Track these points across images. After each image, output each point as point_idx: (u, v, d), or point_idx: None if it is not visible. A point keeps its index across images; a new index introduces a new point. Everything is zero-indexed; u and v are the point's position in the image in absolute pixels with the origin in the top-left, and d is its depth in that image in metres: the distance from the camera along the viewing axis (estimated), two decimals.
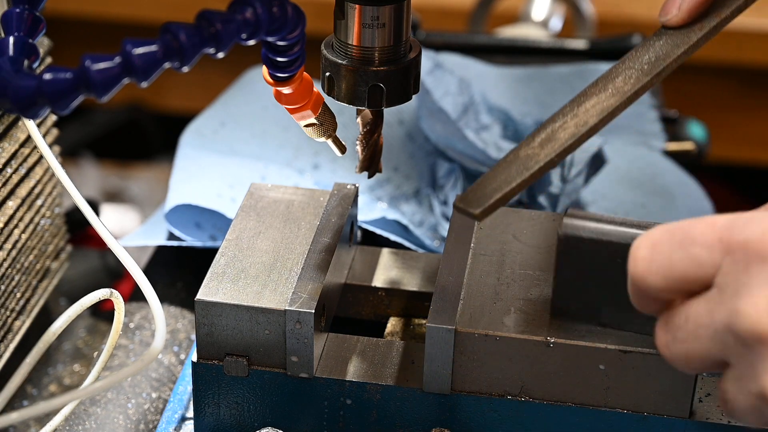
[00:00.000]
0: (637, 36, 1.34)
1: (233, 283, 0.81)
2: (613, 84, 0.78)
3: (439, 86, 1.11)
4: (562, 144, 0.75)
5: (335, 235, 0.86)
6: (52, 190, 0.98)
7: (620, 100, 0.77)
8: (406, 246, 1.00)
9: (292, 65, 0.77)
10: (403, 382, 0.81)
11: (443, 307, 0.79)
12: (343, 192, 0.91)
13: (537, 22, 1.54)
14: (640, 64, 0.79)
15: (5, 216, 0.90)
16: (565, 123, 0.76)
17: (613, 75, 0.79)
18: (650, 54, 0.79)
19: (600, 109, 0.76)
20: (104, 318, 1.07)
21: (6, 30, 0.76)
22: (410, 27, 0.80)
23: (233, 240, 0.85)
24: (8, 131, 0.91)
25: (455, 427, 0.81)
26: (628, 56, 0.79)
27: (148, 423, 0.89)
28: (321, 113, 0.84)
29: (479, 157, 1.06)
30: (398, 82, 0.80)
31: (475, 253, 0.85)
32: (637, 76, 0.78)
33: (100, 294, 0.79)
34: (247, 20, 0.68)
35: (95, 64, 0.63)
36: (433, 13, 1.85)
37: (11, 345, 0.93)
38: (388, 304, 0.91)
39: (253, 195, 0.90)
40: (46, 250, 0.99)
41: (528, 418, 0.80)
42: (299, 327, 0.79)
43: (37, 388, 0.99)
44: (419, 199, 1.08)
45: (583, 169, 1.06)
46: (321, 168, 1.10)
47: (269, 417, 0.83)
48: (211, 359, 0.81)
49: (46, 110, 0.65)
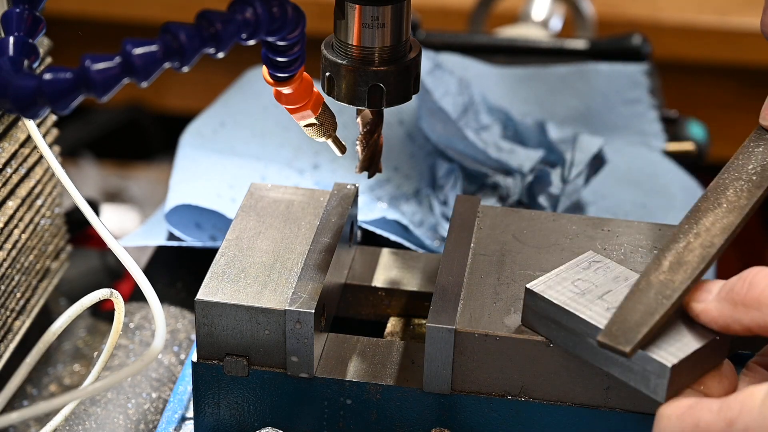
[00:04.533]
0: (637, 36, 1.34)
1: (233, 283, 0.81)
2: (726, 198, 0.79)
3: (439, 86, 1.11)
4: (695, 268, 0.75)
5: (335, 235, 0.86)
6: (52, 190, 0.98)
7: (740, 217, 0.78)
8: (406, 246, 1.00)
9: (292, 65, 0.77)
10: (403, 382, 0.81)
11: (443, 307, 0.79)
12: (343, 192, 0.91)
13: (537, 22, 1.54)
14: (747, 175, 0.80)
15: (5, 216, 0.90)
16: (689, 244, 0.77)
17: (721, 187, 0.80)
18: (754, 163, 0.81)
19: (721, 228, 0.77)
20: (104, 318, 1.07)
21: (6, 30, 0.76)
22: (410, 27, 0.80)
23: (233, 240, 0.85)
24: (8, 131, 0.91)
25: (455, 427, 0.81)
26: (731, 165, 0.81)
27: (148, 423, 0.89)
28: (321, 113, 0.84)
29: (479, 157, 1.06)
30: (398, 82, 0.80)
31: (475, 253, 0.85)
32: (749, 189, 0.79)
33: (100, 294, 0.79)
34: (247, 20, 0.68)
35: (95, 64, 0.63)
36: (433, 13, 1.85)
37: (11, 345, 0.93)
38: (388, 304, 0.91)
39: (253, 195, 0.90)
40: (46, 250, 0.99)
41: (528, 418, 0.80)
42: (299, 327, 0.79)
43: (37, 388, 0.99)
44: (419, 199, 1.08)
45: (583, 170, 1.06)
46: (321, 168, 1.10)
47: (269, 417, 0.83)
48: (211, 359, 0.81)
49: (46, 110, 0.65)
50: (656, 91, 1.29)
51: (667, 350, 0.72)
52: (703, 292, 0.73)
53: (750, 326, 0.70)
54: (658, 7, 1.90)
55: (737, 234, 0.77)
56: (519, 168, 1.06)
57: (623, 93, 1.26)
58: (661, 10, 1.89)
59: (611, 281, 0.77)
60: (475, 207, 0.89)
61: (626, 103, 1.25)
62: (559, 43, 1.37)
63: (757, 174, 0.80)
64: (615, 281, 0.77)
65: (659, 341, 0.72)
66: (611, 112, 1.24)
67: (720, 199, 0.79)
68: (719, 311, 0.72)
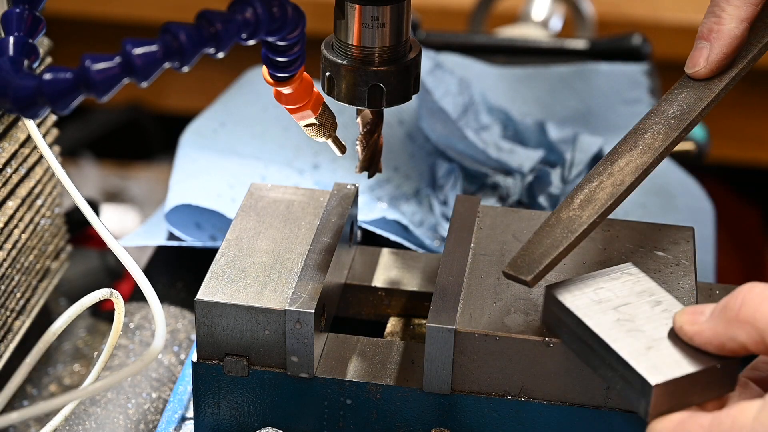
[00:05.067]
0: (637, 36, 1.34)
1: (233, 283, 0.81)
2: (643, 140, 0.80)
3: (439, 86, 1.11)
4: (602, 204, 0.76)
5: (335, 235, 0.86)
6: (52, 190, 0.98)
7: (653, 157, 0.79)
8: (406, 246, 1.00)
9: (292, 65, 0.77)
10: (403, 382, 0.81)
11: (443, 307, 0.79)
12: (343, 192, 0.90)
13: (537, 22, 1.54)
14: (666, 119, 0.81)
15: (5, 216, 0.90)
16: (601, 183, 0.78)
17: (641, 131, 0.81)
18: (675, 107, 0.81)
19: (634, 167, 0.78)
20: (104, 318, 1.07)
21: (6, 30, 0.76)
22: (410, 27, 0.80)
23: (233, 240, 0.85)
24: (8, 131, 0.91)
25: (455, 427, 0.81)
26: (653, 110, 0.82)
27: (148, 423, 0.89)
28: (321, 113, 0.84)
29: (479, 157, 1.06)
30: (398, 82, 0.80)
31: (475, 253, 0.85)
32: (665, 131, 0.80)
33: (100, 294, 0.79)
34: (247, 20, 0.68)
35: (95, 64, 0.63)
36: (433, 13, 1.85)
37: (11, 345, 0.93)
38: (388, 304, 0.91)
39: (253, 195, 0.90)
40: (46, 250, 0.99)
41: (528, 418, 0.80)
42: (299, 327, 0.79)
43: (37, 388, 0.99)
44: (419, 199, 1.08)
45: (583, 170, 1.06)
46: (321, 168, 1.10)
47: (269, 417, 0.83)
48: (211, 359, 0.81)
49: (46, 110, 0.65)
50: (656, 91, 1.29)
51: (660, 369, 0.71)
52: (696, 314, 0.72)
53: (746, 343, 0.69)
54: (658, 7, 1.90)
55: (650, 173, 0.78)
56: (519, 168, 1.06)
57: (623, 93, 1.26)
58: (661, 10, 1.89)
59: (635, 295, 0.76)
60: (475, 207, 0.89)
61: (626, 103, 1.25)
62: (559, 43, 1.37)
63: (675, 117, 0.80)
64: (638, 295, 0.76)
65: (660, 361, 0.71)
66: (611, 112, 1.24)
67: (637, 142, 0.80)
68: (713, 330, 0.71)
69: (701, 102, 0.81)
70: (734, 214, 1.92)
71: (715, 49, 0.81)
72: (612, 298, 0.76)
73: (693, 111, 0.81)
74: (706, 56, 0.81)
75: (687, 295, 0.81)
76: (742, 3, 0.81)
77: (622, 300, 0.76)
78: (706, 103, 0.81)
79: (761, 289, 0.69)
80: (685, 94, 0.82)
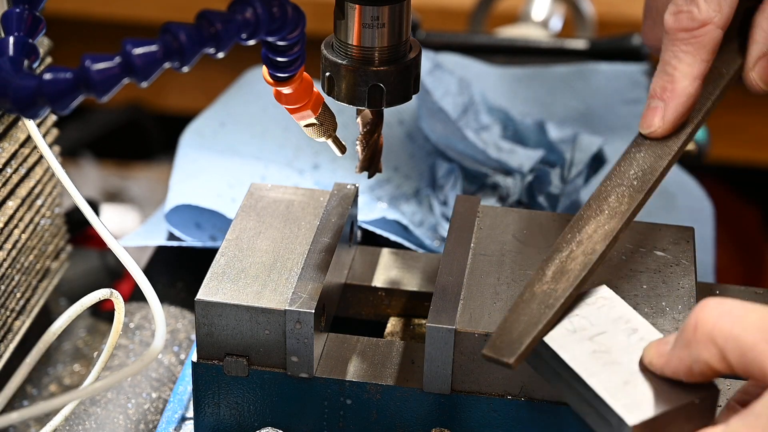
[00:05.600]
0: (637, 36, 1.34)
1: (233, 283, 0.81)
2: (608, 204, 0.79)
3: (439, 86, 1.11)
4: (576, 276, 0.75)
5: (335, 235, 0.86)
6: (52, 190, 0.98)
7: (621, 222, 0.77)
8: (406, 246, 1.00)
9: (292, 65, 0.77)
10: (403, 382, 0.81)
11: (443, 307, 0.79)
12: (343, 192, 0.91)
13: (537, 22, 1.54)
14: (628, 180, 0.80)
15: (5, 216, 0.90)
16: (572, 252, 0.76)
17: (603, 194, 0.79)
18: (635, 168, 0.80)
19: (603, 234, 0.77)
20: (104, 318, 1.07)
21: (6, 30, 0.76)
22: (410, 27, 0.80)
23: (233, 240, 0.85)
24: (8, 131, 0.91)
25: (455, 427, 0.81)
26: (613, 171, 0.80)
27: (148, 423, 0.89)
28: (321, 113, 0.84)
29: (479, 157, 1.06)
30: (398, 82, 0.80)
31: (475, 253, 0.85)
32: (630, 194, 0.79)
33: (100, 294, 0.79)
34: (247, 20, 0.68)
35: (95, 64, 0.63)
36: (433, 13, 1.85)
37: (11, 345, 0.93)
38: (388, 304, 0.91)
39: (253, 195, 0.90)
40: (46, 250, 0.99)
41: (528, 418, 0.80)
42: (299, 327, 0.79)
43: (37, 388, 0.99)
44: (419, 199, 1.08)
45: (583, 170, 1.06)
46: (321, 168, 1.10)
47: (269, 417, 0.83)
48: (211, 359, 0.81)
49: (46, 110, 0.65)
50: None
51: (638, 406, 0.70)
52: (662, 345, 0.71)
53: (710, 362, 0.67)
54: None
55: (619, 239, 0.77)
56: (519, 168, 1.06)
57: (623, 93, 1.26)
58: None
59: (610, 322, 0.75)
60: (475, 207, 0.89)
61: (626, 103, 1.25)
62: (559, 43, 1.37)
63: (638, 179, 0.80)
64: (614, 323, 0.75)
65: (637, 398, 0.70)
66: (611, 112, 1.24)
67: (602, 206, 0.79)
68: (678, 357, 0.69)
69: (661, 161, 0.80)
70: (734, 213, 1.92)
71: (670, 108, 0.80)
72: (587, 326, 0.74)
73: (655, 171, 0.80)
74: (662, 116, 0.81)
75: (687, 295, 0.81)
76: (693, 60, 0.80)
77: (597, 329, 0.74)
78: (666, 162, 0.80)
79: (715, 304, 0.68)
80: (644, 153, 0.81)
